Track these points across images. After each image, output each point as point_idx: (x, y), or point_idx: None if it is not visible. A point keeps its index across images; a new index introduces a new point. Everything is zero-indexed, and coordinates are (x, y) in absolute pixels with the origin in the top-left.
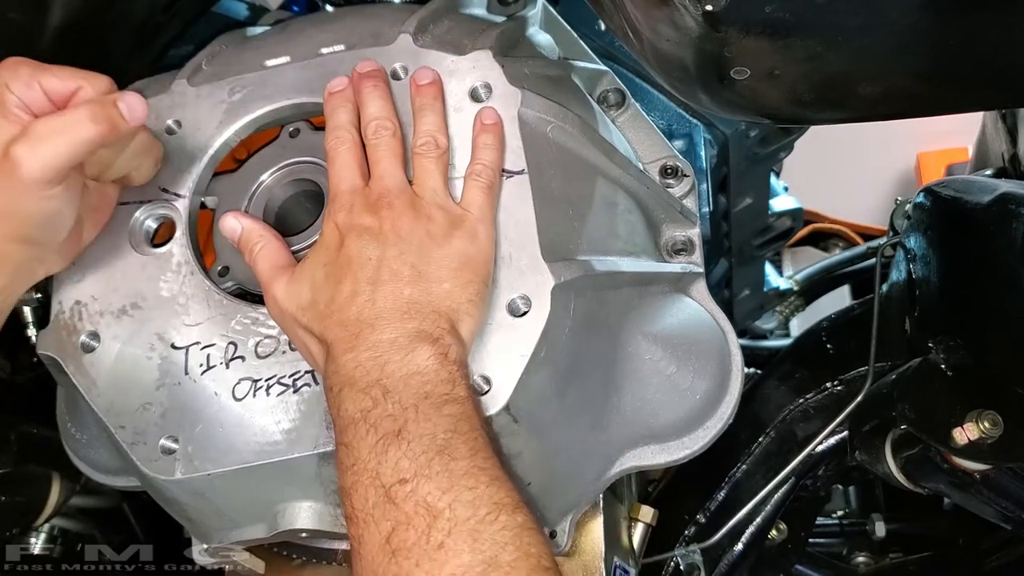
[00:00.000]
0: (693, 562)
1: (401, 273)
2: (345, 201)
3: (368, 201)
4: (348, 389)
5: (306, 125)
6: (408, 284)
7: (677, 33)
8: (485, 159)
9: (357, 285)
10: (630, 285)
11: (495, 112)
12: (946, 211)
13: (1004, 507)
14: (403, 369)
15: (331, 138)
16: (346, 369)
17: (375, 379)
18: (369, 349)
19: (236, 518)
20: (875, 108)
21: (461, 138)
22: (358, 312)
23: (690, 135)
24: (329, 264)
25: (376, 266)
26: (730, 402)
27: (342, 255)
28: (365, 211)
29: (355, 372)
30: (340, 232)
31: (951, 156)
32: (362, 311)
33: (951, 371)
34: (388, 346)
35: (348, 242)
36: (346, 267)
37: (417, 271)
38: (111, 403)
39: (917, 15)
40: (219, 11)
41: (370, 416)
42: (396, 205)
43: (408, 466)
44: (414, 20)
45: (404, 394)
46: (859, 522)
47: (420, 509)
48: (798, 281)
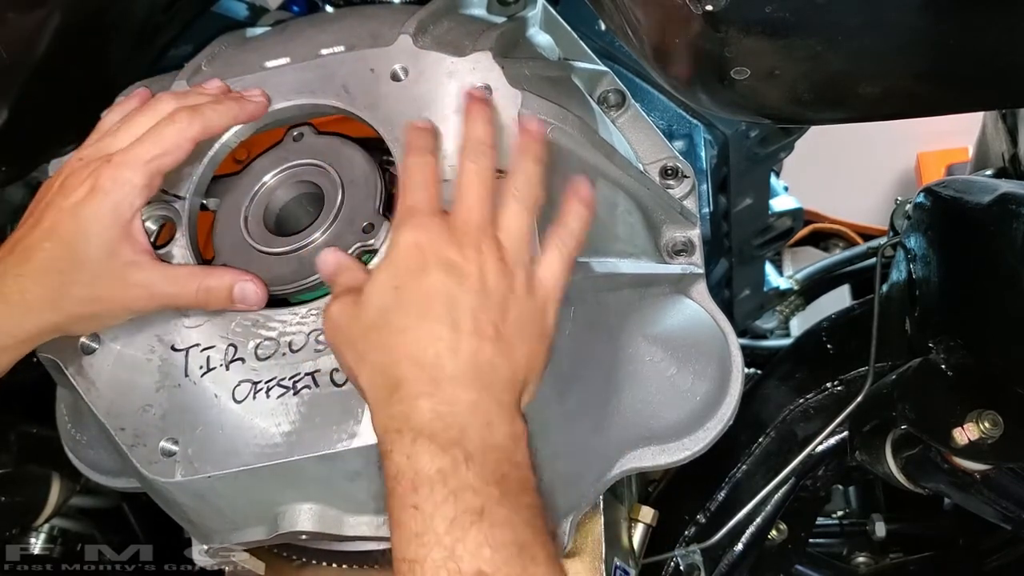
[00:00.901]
0: (693, 562)
1: (484, 329)
2: (424, 222)
3: (452, 234)
4: (427, 441)
5: (310, 129)
6: (490, 343)
7: (677, 33)
8: (575, 226)
9: (439, 326)
10: (630, 286)
11: (588, 184)
12: (946, 211)
13: (1004, 507)
14: (483, 439)
15: (418, 149)
16: (423, 416)
17: (455, 439)
18: (449, 404)
19: (236, 520)
20: (875, 108)
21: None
22: (437, 357)
23: (690, 135)
24: (403, 289)
25: (458, 312)
26: (730, 403)
27: (424, 285)
28: (449, 243)
29: (434, 424)
30: (424, 256)
31: (951, 156)
32: (442, 357)
33: (951, 371)
34: (469, 407)
35: (433, 272)
36: (427, 301)
37: (497, 330)
38: (111, 405)
39: (917, 15)
40: (219, 11)
41: (450, 482)
42: (484, 250)
43: (490, 557)
44: (414, 21)
45: (485, 468)
46: (859, 522)
47: None
48: (798, 281)
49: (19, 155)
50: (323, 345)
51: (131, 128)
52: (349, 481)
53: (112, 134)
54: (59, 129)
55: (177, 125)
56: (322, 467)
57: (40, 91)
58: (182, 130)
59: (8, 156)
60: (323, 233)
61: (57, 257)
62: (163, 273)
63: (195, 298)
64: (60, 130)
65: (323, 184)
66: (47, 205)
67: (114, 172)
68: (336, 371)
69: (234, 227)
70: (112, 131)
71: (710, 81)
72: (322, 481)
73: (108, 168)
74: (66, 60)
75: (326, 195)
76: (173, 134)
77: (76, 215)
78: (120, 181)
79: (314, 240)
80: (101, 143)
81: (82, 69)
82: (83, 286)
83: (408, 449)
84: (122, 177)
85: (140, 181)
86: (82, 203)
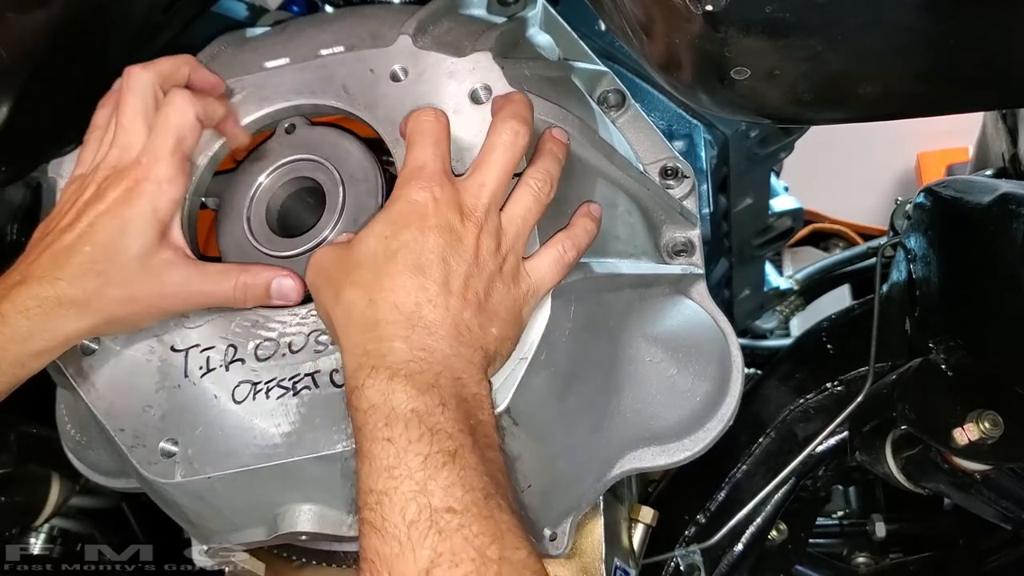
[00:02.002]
0: (693, 563)
1: (470, 296)
2: (434, 182)
3: (459, 197)
4: (404, 380)
5: (302, 120)
6: (472, 309)
7: (677, 33)
8: (581, 237)
9: (427, 280)
10: (630, 287)
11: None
12: (946, 211)
13: (1004, 507)
14: (456, 390)
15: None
16: (400, 356)
17: (430, 383)
18: (425, 350)
19: (236, 520)
20: (875, 108)
21: (460, 141)
22: (418, 306)
23: (690, 135)
24: (397, 239)
25: (449, 273)
26: (730, 404)
27: (421, 240)
28: (455, 208)
29: (411, 365)
30: (426, 213)
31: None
32: (423, 307)
33: (951, 371)
34: (443, 358)
35: (433, 231)
36: (420, 254)
37: (479, 301)
38: (110, 406)
39: (917, 15)
40: (218, 11)
41: (426, 421)
42: (486, 226)
43: (461, 497)
44: (414, 21)
45: (458, 415)
46: (859, 522)
47: (470, 550)
48: (798, 281)
49: (19, 155)
50: (323, 346)
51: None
52: (349, 482)
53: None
54: (59, 129)
55: (177, 105)
56: (322, 468)
57: (40, 91)
58: (183, 110)
59: (8, 156)
60: (330, 233)
61: (96, 260)
62: (199, 271)
63: (232, 295)
64: (60, 130)
65: (322, 180)
66: (83, 209)
67: (147, 171)
68: (336, 372)
69: (237, 229)
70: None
71: (710, 81)
72: (322, 482)
73: (139, 168)
74: (66, 60)
75: (327, 192)
76: (177, 116)
77: (116, 216)
78: (154, 179)
79: (320, 242)
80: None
81: (82, 69)
82: (120, 287)
83: (383, 386)
84: (155, 174)
85: (171, 173)
86: (122, 204)
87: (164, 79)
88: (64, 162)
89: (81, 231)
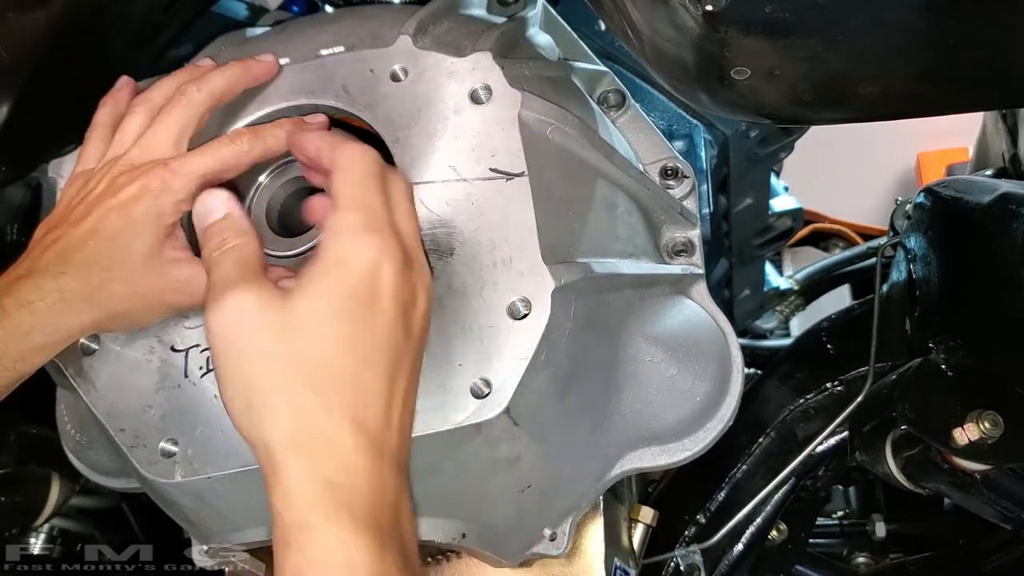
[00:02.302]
0: (693, 563)
1: (410, 383)
2: (383, 237)
3: (410, 257)
4: (359, 528)
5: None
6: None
7: (677, 33)
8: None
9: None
10: (630, 287)
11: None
12: (946, 211)
13: (1004, 507)
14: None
15: (353, 142)
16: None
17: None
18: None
19: (236, 521)
20: (875, 108)
21: (461, 140)
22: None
23: (690, 135)
24: (350, 322)
25: (399, 368)
26: (730, 404)
27: (376, 326)
28: (406, 272)
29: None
30: (378, 286)
31: (951, 156)
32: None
33: (951, 371)
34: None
35: (386, 314)
36: (374, 348)
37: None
38: (110, 406)
39: (917, 15)
40: (219, 11)
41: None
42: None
43: None
44: (414, 21)
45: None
46: (859, 522)
47: None
48: (798, 281)
49: (19, 155)
50: None
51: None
52: None
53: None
54: (59, 129)
55: (238, 146)
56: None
57: (40, 91)
58: (240, 153)
59: (8, 156)
60: None
61: (101, 254)
62: (202, 270)
63: None
64: (60, 130)
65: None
66: (91, 204)
67: (169, 177)
68: None
69: None
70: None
71: (710, 81)
72: None
73: (163, 171)
74: (66, 60)
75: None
76: (232, 154)
77: (126, 212)
78: (174, 188)
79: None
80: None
81: (82, 69)
82: (124, 282)
83: (340, 534)
84: (176, 184)
85: (191, 189)
86: (133, 201)
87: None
88: (64, 162)
89: (88, 226)
